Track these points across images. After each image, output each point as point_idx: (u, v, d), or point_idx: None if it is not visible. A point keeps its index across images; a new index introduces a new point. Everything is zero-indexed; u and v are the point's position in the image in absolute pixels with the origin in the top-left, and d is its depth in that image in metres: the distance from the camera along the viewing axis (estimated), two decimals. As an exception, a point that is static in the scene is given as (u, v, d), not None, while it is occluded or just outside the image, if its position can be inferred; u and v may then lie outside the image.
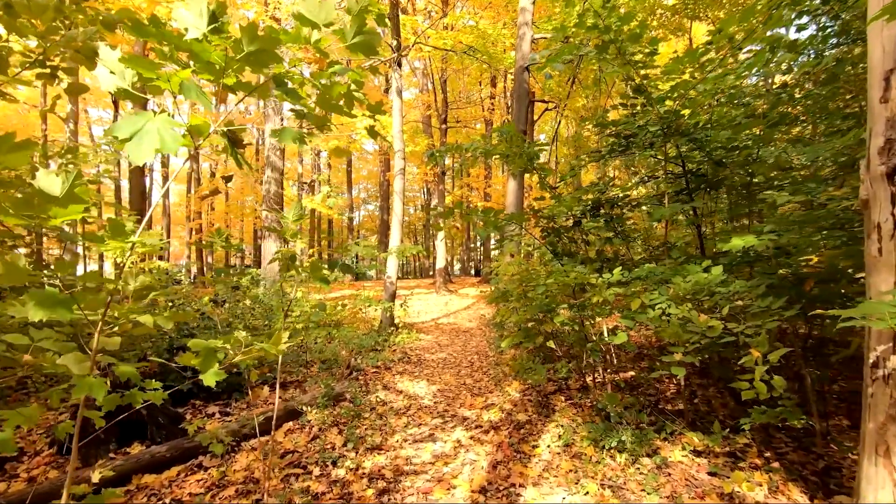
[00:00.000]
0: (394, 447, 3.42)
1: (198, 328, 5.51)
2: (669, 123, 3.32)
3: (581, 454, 3.11)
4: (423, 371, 5.76)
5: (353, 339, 6.70)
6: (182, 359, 1.39)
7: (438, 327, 9.41)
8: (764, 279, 2.81)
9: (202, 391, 4.34)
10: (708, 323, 2.66)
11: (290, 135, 1.39)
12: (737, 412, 3.75)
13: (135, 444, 3.52)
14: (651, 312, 2.94)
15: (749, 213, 3.79)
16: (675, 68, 3.08)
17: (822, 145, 2.93)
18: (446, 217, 3.06)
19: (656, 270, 3.26)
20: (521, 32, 8.61)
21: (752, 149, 3.22)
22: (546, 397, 4.35)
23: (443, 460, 3.20)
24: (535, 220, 4.27)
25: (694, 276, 2.97)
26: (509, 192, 8.70)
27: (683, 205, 3.28)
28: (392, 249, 7.58)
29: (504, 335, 6.94)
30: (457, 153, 4.02)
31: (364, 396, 4.51)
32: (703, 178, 3.75)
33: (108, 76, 1.22)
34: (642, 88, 3.42)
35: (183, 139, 1.48)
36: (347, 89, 1.61)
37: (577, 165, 4.17)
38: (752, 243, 2.83)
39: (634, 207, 3.97)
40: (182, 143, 1.18)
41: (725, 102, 3.69)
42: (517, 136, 3.68)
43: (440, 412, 4.19)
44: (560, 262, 3.76)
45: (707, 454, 3.01)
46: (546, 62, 3.83)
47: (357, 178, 31.77)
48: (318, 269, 2.39)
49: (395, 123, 8.24)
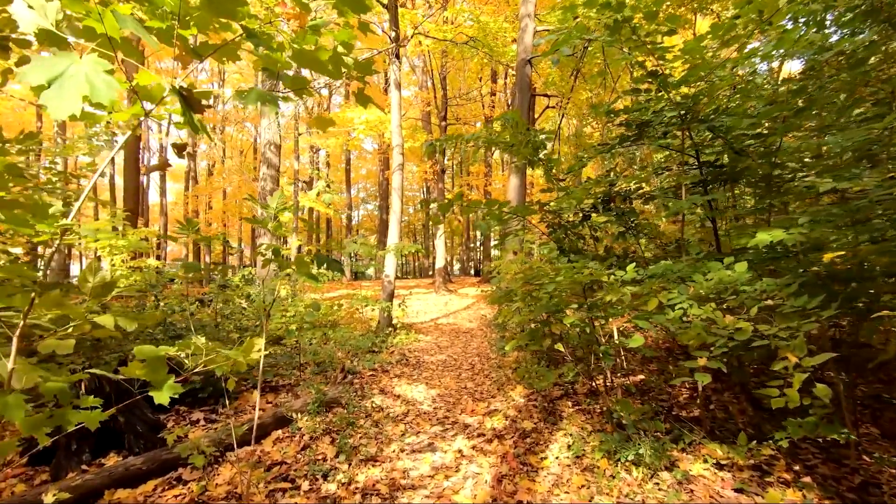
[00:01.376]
0: (390, 458, 3.18)
1: (187, 329, 5.27)
2: (688, 109, 3.07)
3: (593, 467, 2.87)
4: (422, 374, 5.51)
5: (350, 341, 6.46)
6: (127, 370, 1.14)
7: (438, 328, 9.16)
8: (795, 277, 2.57)
9: (187, 396, 4.09)
10: (735, 325, 2.41)
11: (255, 95, 1.15)
12: (756, 419, 3.51)
13: (111, 455, 3.27)
14: (670, 313, 2.69)
15: (769, 206, 3.55)
16: (696, 47, 2.83)
17: (856, 131, 2.68)
18: (446, 210, 2.81)
19: (674, 268, 3.02)
20: (522, 24, 8.36)
21: (777, 136, 2.98)
22: (552, 402, 4.11)
23: (443, 473, 2.96)
24: (542, 214, 4.02)
25: (717, 274, 2.73)
26: (511, 188, 8.46)
27: (703, 197, 3.04)
28: (390, 247, 7.34)
29: (506, 336, 6.70)
30: (457, 144, 3.77)
31: (359, 402, 4.26)
32: (720, 170, 3.50)
33: (27, 13, 0.97)
34: (658, 72, 3.18)
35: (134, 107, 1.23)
36: (335, 51, 1.36)
37: (585, 157, 3.92)
38: (781, 238, 2.59)
39: (648, 200, 3.72)
40: (114, 96, 0.93)
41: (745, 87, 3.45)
42: (522, 123, 3.44)
43: (440, 419, 3.94)
44: (567, 259, 3.51)
45: (731, 467, 2.77)
46: (553, 46, 3.59)
47: (356, 177, 31.51)
48: (303, 264, 2.14)
49: (394, 118, 7.99)
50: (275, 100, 1.13)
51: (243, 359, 1.22)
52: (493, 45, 10.21)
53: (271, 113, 1.35)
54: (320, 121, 1.39)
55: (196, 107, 1.08)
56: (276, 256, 2.24)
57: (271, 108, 1.14)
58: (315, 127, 1.41)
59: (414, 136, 14.33)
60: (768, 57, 2.87)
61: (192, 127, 1.05)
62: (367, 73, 1.37)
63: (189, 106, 1.04)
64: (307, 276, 2.11)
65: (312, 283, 2.05)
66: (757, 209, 4.04)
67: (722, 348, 2.42)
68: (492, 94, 18.34)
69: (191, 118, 1.04)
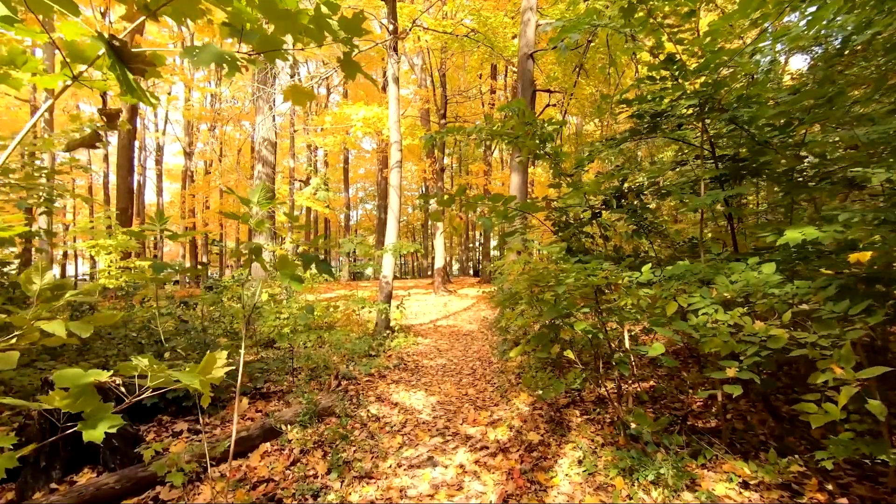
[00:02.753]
0: (386, 474, 2.94)
1: (176, 333, 5.02)
2: (708, 97, 2.83)
3: (607, 486, 2.63)
4: (421, 380, 5.27)
5: (346, 344, 6.21)
6: (47, 399, 0.90)
7: (437, 330, 8.92)
8: (833, 279, 2.33)
9: (171, 405, 3.84)
10: (768, 331, 2.18)
11: (209, 54, 0.90)
12: (778, 431, 3.28)
13: (85, 471, 3.03)
14: (693, 318, 2.46)
15: (792, 203, 3.32)
16: (722, 26, 2.60)
17: (895, 120, 2.45)
18: (447, 205, 2.58)
19: (694, 269, 2.78)
20: (525, 18, 8.13)
21: (806, 125, 2.75)
22: (559, 411, 3.87)
23: (444, 491, 2.72)
24: (549, 211, 3.79)
25: (743, 276, 2.49)
26: (512, 186, 8.22)
27: (724, 191, 2.80)
28: (388, 247, 7.09)
29: (508, 338, 6.46)
30: (458, 136, 3.53)
31: (354, 410, 4.02)
32: (740, 164, 3.27)
33: None
34: (675, 58, 2.94)
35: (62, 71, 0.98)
36: (317, 9, 1.12)
37: (594, 150, 3.68)
38: (814, 236, 2.36)
39: (664, 196, 3.48)
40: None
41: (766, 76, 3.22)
42: (529, 113, 3.20)
43: (440, 429, 3.70)
44: (577, 259, 3.27)
45: (758, 486, 2.53)
46: (561, 32, 3.35)
47: (355, 177, 31.26)
48: (288, 264, 1.89)
49: (392, 113, 7.74)
50: (234, 60, 0.89)
51: (197, 382, 0.98)
52: (494, 40, 9.97)
53: (230, 75, 1.18)
54: (296, 91, 1.16)
55: (132, 65, 0.84)
56: (257, 256, 1.99)
57: (230, 71, 0.91)
58: (291, 100, 1.17)
59: (413, 135, 14.08)
60: (797, 39, 2.63)
61: (128, 88, 0.81)
62: (355, 34, 1.13)
63: (123, 61, 0.81)
64: (291, 277, 1.87)
65: (296, 286, 1.81)
66: (776, 206, 3.81)
67: (753, 358, 2.18)
68: (492, 91, 18.10)
69: (125, 78, 0.80)
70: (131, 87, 0.82)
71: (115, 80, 0.82)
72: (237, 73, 1.07)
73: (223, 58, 0.90)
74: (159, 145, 26.48)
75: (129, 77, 0.82)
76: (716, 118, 2.93)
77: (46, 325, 1.36)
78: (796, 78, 4.13)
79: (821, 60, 3.34)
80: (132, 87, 0.83)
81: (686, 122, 3.31)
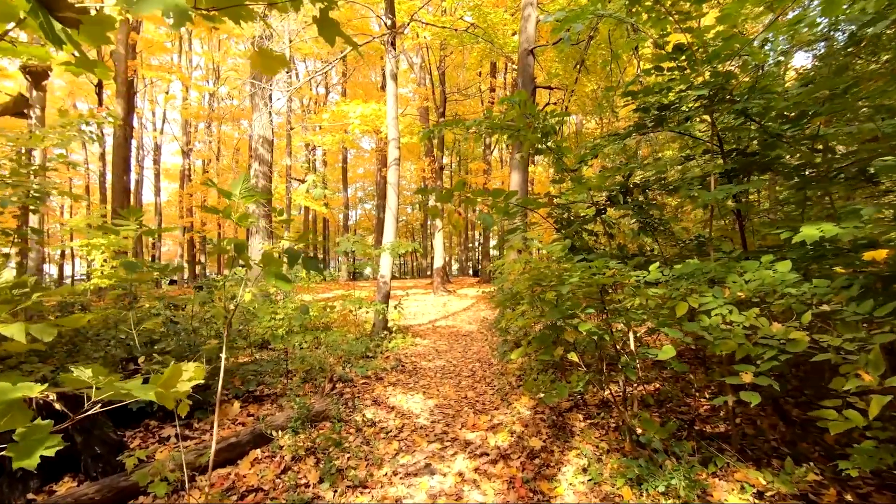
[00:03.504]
0: (381, 483, 2.80)
1: (166, 335, 4.88)
2: (719, 88, 2.70)
3: (614, 496, 2.50)
4: (419, 382, 5.13)
5: (342, 345, 6.07)
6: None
7: (436, 330, 8.78)
8: (853, 278, 2.20)
9: (159, 409, 3.70)
10: (787, 334, 2.05)
11: (149, 2, 0.76)
12: (790, 436, 3.15)
13: (65, 480, 2.89)
14: (705, 320, 2.32)
15: (805, 200, 3.19)
16: (736, 10, 2.46)
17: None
18: (446, 200, 2.44)
19: (704, 267, 2.65)
20: (525, 13, 7.99)
21: (821, 117, 2.61)
22: (561, 416, 3.74)
23: (442, 501, 2.58)
24: (551, 207, 3.66)
25: (758, 274, 2.36)
26: (512, 184, 8.08)
27: (736, 186, 2.67)
28: (385, 246, 6.95)
29: (508, 339, 6.33)
30: (458, 130, 3.40)
31: (349, 415, 3.88)
32: (750, 158, 3.13)
33: None
34: (684, 46, 2.81)
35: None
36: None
37: (598, 146, 3.55)
38: (834, 233, 2.23)
39: (672, 192, 3.35)
40: None
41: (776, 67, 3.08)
42: (531, 105, 3.07)
43: (438, 434, 3.56)
44: (582, 258, 3.14)
45: (774, 497, 2.40)
46: (564, 23, 3.22)
47: (353, 176, 31.11)
48: (273, 262, 1.76)
49: (390, 110, 7.60)
50: (185, 10, 0.76)
51: (153, 395, 0.84)
52: (494, 36, 9.84)
53: (177, 26, 1.07)
54: (264, 57, 1.02)
55: (60, 11, 0.70)
56: (240, 253, 1.86)
57: (178, 20, 0.77)
58: (259, 67, 1.03)
59: (412, 133, 13.95)
60: (814, 26, 2.51)
61: (53, 38, 0.68)
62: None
63: (48, 7, 0.67)
64: (277, 277, 1.73)
65: (282, 286, 1.67)
66: (785, 202, 3.68)
67: (772, 362, 2.05)
68: (491, 89, 17.96)
69: (49, 26, 0.67)
70: (56, 38, 0.69)
71: (43, 35, 0.68)
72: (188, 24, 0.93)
73: (166, 5, 0.75)
74: (157, 144, 26.28)
75: (56, 25, 0.68)
76: (725, 110, 2.80)
77: (4, 328, 1.23)
78: (801, 74, 4.01)
79: (832, 52, 3.21)
80: (57, 39, 0.69)
81: (694, 115, 3.18)
